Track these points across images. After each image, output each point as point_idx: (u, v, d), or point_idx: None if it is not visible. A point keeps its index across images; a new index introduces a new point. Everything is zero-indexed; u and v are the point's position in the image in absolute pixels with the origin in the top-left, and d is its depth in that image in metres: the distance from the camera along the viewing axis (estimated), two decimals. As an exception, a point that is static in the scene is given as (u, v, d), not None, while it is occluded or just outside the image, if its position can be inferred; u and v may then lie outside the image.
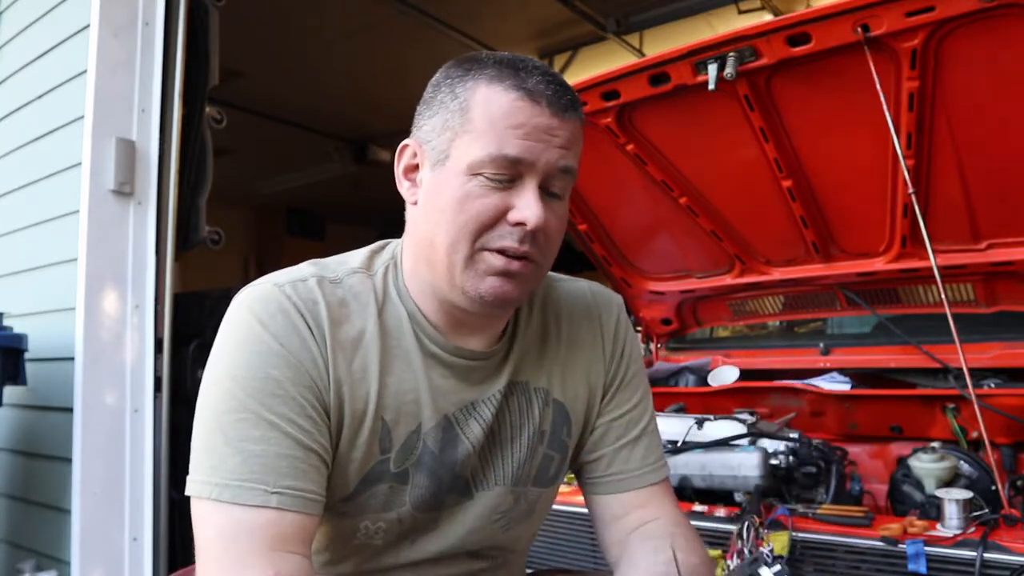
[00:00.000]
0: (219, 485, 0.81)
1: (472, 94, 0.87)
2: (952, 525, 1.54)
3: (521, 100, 0.85)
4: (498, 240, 0.86)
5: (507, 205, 0.85)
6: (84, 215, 2.42)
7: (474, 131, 0.85)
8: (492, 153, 0.84)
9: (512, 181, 0.86)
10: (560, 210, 0.90)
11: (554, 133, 0.86)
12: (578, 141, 0.90)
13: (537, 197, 0.85)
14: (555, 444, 1.03)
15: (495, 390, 0.98)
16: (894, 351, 2.27)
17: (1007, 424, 1.86)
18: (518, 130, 0.84)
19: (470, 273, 0.87)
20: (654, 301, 2.66)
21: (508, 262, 0.86)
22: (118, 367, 2.43)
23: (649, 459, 1.06)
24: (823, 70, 1.77)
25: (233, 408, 0.83)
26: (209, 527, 0.81)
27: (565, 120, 0.86)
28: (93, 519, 2.33)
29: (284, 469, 0.82)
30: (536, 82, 0.86)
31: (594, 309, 1.09)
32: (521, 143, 0.84)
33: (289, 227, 8.85)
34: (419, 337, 0.93)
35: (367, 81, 5.46)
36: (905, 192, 1.86)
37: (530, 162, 0.85)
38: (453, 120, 0.87)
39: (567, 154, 0.87)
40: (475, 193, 0.85)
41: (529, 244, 0.86)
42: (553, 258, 0.93)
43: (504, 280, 0.87)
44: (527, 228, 0.85)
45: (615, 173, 2.26)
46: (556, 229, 0.90)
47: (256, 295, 0.89)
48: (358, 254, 0.99)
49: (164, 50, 2.56)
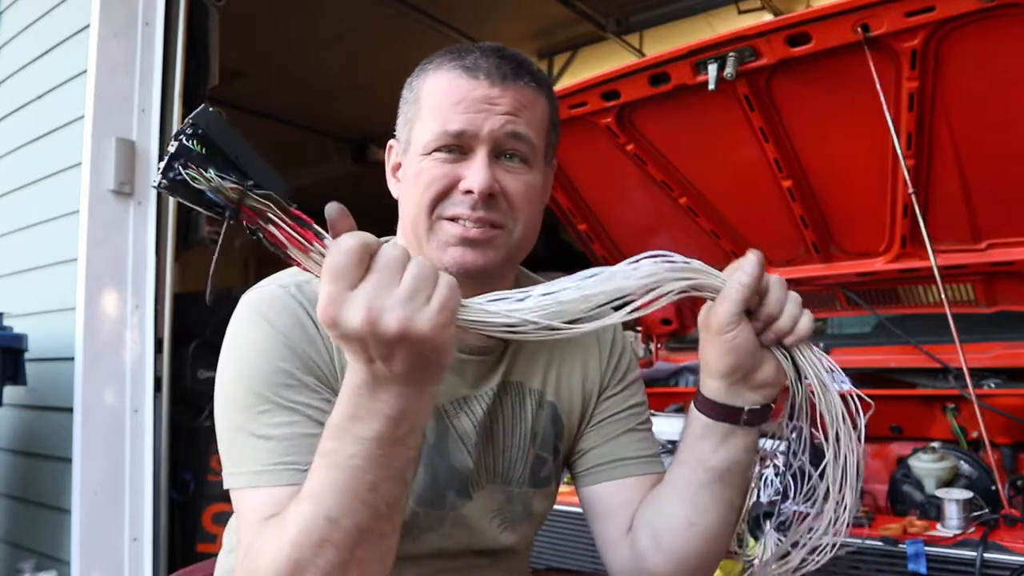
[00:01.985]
0: (255, 473, 0.84)
1: (423, 83, 0.93)
2: (952, 525, 1.53)
3: (460, 77, 0.90)
4: (451, 208, 0.90)
5: (457, 175, 0.89)
6: (84, 215, 2.42)
7: (423, 116, 0.91)
8: (437, 131, 0.89)
9: (464, 153, 0.90)
10: (524, 175, 0.92)
11: (495, 102, 0.89)
12: (530, 108, 0.92)
13: (484, 164, 0.89)
14: (547, 446, 1.04)
15: (488, 388, 0.99)
16: (894, 351, 2.27)
17: (1007, 424, 1.86)
18: (458, 105, 0.89)
19: (432, 245, 0.91)
20: (654, 301, 2.66)
21: (465, 230, 0.89)
22: (118, 367, 2.43)
23: (645, 451, 1.05)
24: (823, 70, 1.77)
25: (252, 403, 0.85)
26: (251, 511, 0.83)
27: (506, 87, 0.90)
28: (93, 519, 2.33)
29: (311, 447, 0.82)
30: (475, 58, 0.91)
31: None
32: (462, 116, 0.89)
33: (289, 227, 8.85)
34: None
35: (367, 81, 5.45)
36: (905, 192, 1.85)
37: (473, 133, 0.89)
38: (410, 111, 0.94)
39: (514, 119, 0.90)
40: (427, 167, 0.90)
41: (484, 209, 0.89)
42: (528, 225, 0.94)
43: (465, 248, 0.90)
44: (474, 194, 0.88)
45: (615, 173, 2.26)
46: (520, 193, 0.92)
47: (262, 296, 0.91)
48: None
49: (164, 50, 2.57)
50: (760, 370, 0.86)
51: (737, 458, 0.89)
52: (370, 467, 0.70)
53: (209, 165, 0.63)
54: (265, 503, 0.82)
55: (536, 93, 0.93)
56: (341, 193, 3.79)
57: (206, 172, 0.63)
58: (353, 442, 0.69)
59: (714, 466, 0.89)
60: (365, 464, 0.69)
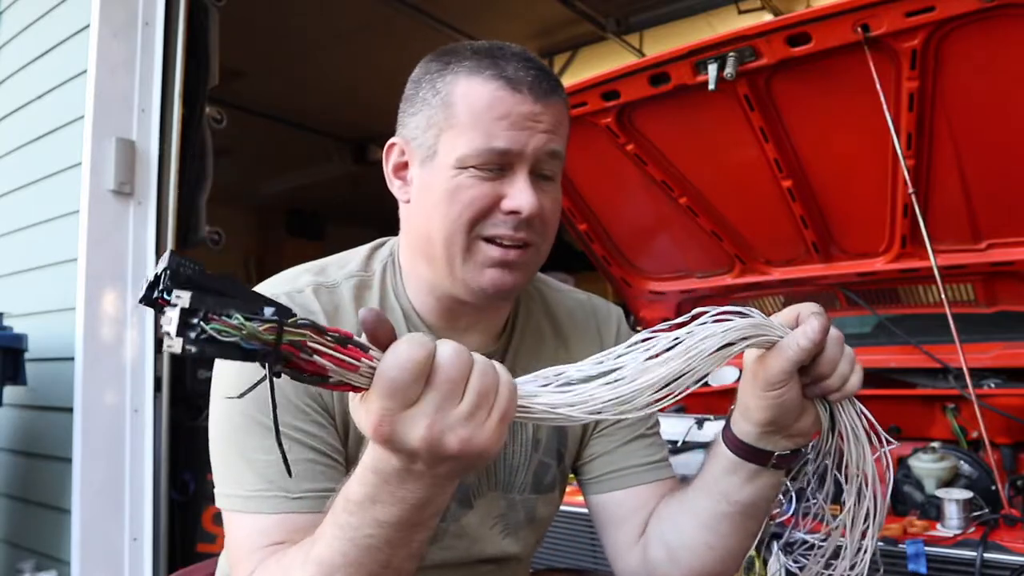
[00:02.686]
0: (243, 497, 0.84)
1: (453, 88, 0.87)
2: (952, 525, 1.53)
3: (502, 90, 0.85)
4: (492, 228, 0.86)
5: (499, 194, 0.86)
6: (84, 215, 2.42)
7: (459, 125, 0.86)
8: (479, 147, 0.85)
9: (502, 170, 0.86)
10: (553, 192, 0.91)
11: (538, 119, 0.86)
12: (563, 123, 0.90)
13: (529, 184, 0.86)
14: (550, 452, 1.02)
15: None
16: (894, 351, 2.27)
17: (1007, 424, 1.86)
18: (503, 121, 0.85)
19: (469, 266, 0.87)
20: (654, 301, 2.66)
21: (505, 252, 0.87)
22: (118, 367, 2.42)
23: (654, 456, 1.04)
24: (823, 70, 1.77)
25: (241, 423, 0.85)
26: (237, 532, 0.84)
27: (548, 104, 0.87)
28: (93, 519, 2.33)
29: (300, 474, 0.84)
30: (515, 69, 0.86)
31: (593, 319, 1.08)
32: (507, 134, 0.85)
33: (289, 227, 8.84)
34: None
35: (367, 81, 5.45)
36: (905, 192, 1.85)
37: (518, 151, 0.85)
38: (437, 116, 0.88)
39: (553, 138, 0.87)
40: (466, 184, 0.86)
41: (525, 231, 0.87)
42: (552, 240, 0.93)
43: (503, 271, 0.87)
44: (522, 216, 0.85)
45: (615, 173, 2.26)
46: (551, 212, 0.91)
47: None
48: (357, 254, 0.99)
49: (164, 50, 2.56)
50: (798, 422, 0.84)
51: (763, 494, 0.89)
52: (386, 547, 0.68)
53: (224, 309, 0.54)
54: (253, 529, 0.82)
55: (566, 108, 0.91)
56: (341, 193, 3.80)
57: (231, 318, 0.54)
58: (371, 524, 0.67)
59: (739, 500, 0.89)
60: (381, 544, 0.68)
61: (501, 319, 0.99)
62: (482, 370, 0.63)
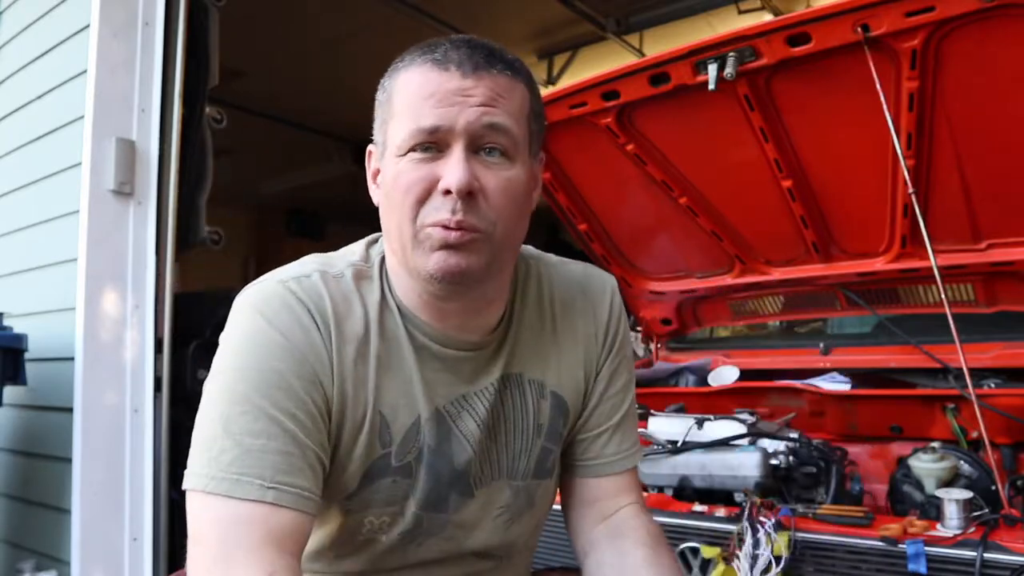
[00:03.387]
0: (215, 478, 0.80)
1: (395, 82, 0.89)
2: (952, 525, 1.53)
3: (431, 71, 0.85)
4: (433, 214, 0.85)
5: (436, 175, 0.85)
6: (84, 215, 2.42)
7: (396, 114, 0.87)
8: (411, 129, 0.85)
9: (440, 151, 0.85)
10: (505, 171, 0.87)
11: (468, 93, 0.84)
12: (507, 96, 0.87)
13: (461, 160, 0.84)
14: (553, 436, 1.03)
15: (488, 383, 0.97)
16: (894, 351, 2.26)
17: (1007, 424, 1.86)
18: (430, 99, 0.84)
19: (418, 252, 0.86)
20: (654, 301, 2.66)
21: (447, 233, 0.84)
22: (118, 367, 2.43)
23: (625, 445, 1.07)
24: (823, 70, 1.77)
25: (235, 401, 0.83)
26: (203, 519, 0.80)
27: (480, 77, 0.85)
28: (93, 519, 2.33)
29: (281, 465, 0.81)
30: (445, 50, 0.86)
31: (588, 293, 1.07)
32: (434, 111, 0.84)
33: (289, 227, 8.85)
34: (409, 330, 0.93)
35: (367, 81, 5.41)
36: (905, 192, 1.85)
37: (448, 127, 0.84)
38: (383, 111, 0.90)
39: (491, 111, 0.85)
40: (405, 169, 0.86)
41: (463, 212, 0.84)
42: (509, 225, 0.88)
43: (447, 253, 0.85)
44: (453, 193, 0.83)
45: (615, 173, 2.26)
46: (500, 192, 0.86)
47: (261, 292, 0.89)
48: (357, 248, 1.00)
49: (164, 50, 2.56)
50: None
51: None
52: None
53: None
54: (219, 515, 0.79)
55: (512, 80, 0.88)
56: (341, 193, 3.80)
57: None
58: None
59: None
60: None
61: (494, 314, 0.98)
62: None
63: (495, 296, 0.97)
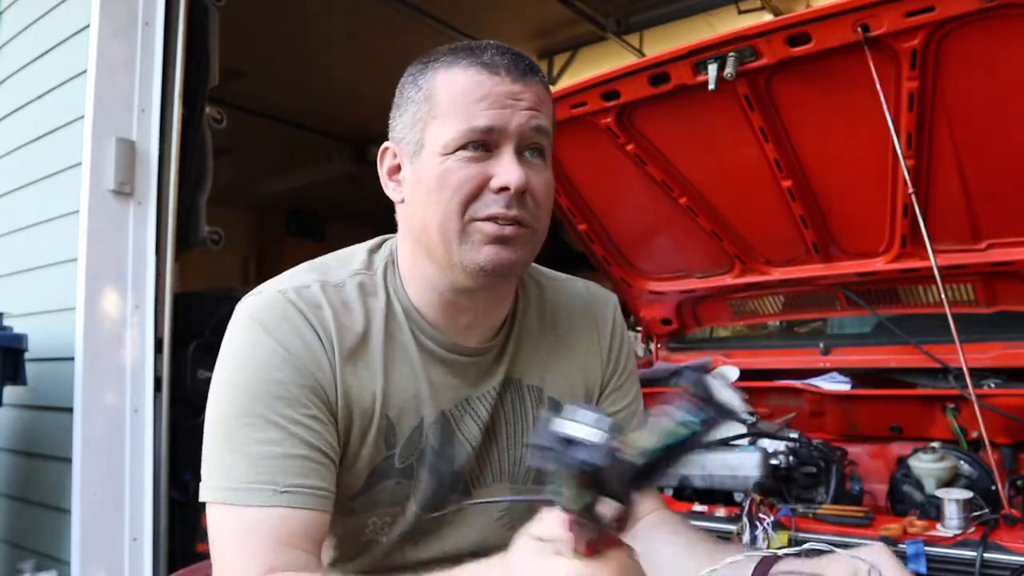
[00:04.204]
0: (230, 490, 0.83)
1: (433, 81, 0.89)
2: (952, 525, 1.54)
3: (480, 74, 0.87)
4: (485, 208, 0.87)
5: (487, 174, 0.87)
6: (84, 215, 2.42)
7: (441, 114, 0.88)
8: (462, 129, 0.86)
9: (488, 151, 0.87)
10: (543, 172, 0.91)
11: (519, 97, 0.88)
12: (545, 103, 0.91)
13: (515, 160, 0.87)
14: None
15: (491, 386, 0.99)
16: (894, 351, 2.26)
17: (1007, 424, 1.86)
18: (483, 101, 0.86)
19: (466, 246, 0.88)
20: (654, 301, 2.66)
21: (501, 228, 0.87)
22: (118, 367, 2.42)
23: None
24: (823, 70, 1.77)
25: (238, 414, 0.84)
26: (222, 529, 0.83)
27: (527, 83, 0.89)
28: (93, 519, 2.33)
29: (292, 468, 0.83)
30: (491, 54, 0.89)
31: (591, 309, 1.09)
32: (488, 112, 0.86)
33: (289, 227, 8.84)
34: (415, 334, 0.94)
35: (367, 81, 5.43)
36: (905, 192, 1.85)
37: (501, 128, 0.87)
38: (421, 111, 0.90)
39: (537, 114, 0.89)
40: (454, 168, 0.87)
41: (517, 208, 0.87)
42: (547, 224, 0.93)
43: (500, 247, 0.87)
44: (511, 191, 0.86)
45: (615, 173, 2.26)
46: (543, 192, 0.91)
47: (260, 303, 0.90)
48: (358, 253, 1.00)
49: (164, 50, 2.56)
50: None
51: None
52: None
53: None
54: (236, 525, 0.82)
55: (547, 90, 0.93)
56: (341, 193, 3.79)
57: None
58: None
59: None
60: None
61: (501, 316, 1.00)
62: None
63: (508, 293, 1.00)
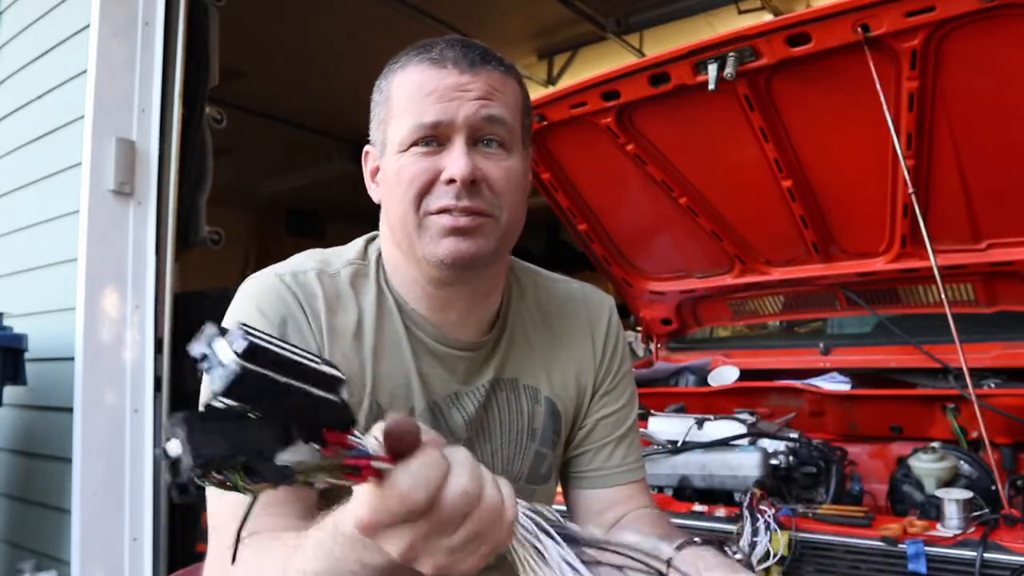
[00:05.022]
0: None
1: (391, 83, 0.92)
2: (952, 525, 1.53)
3: (428, 70, 0.89)
4: (436, 201, 0.88)
5: (438, 167, 0.88)
6: (84, 215, 2.42)
7: (396, 113, 0.90)
8: (412, 125, 0.88)
9: (441, 145, 0.89)
10: (504, 161, 0.91)
11: (466, 88, 0.88)
12: (502, 91, 0.91)
13: (463, 151, 0.88)
14: (546, 442, 1.04)
15: (480, 383, 0.99)
16: (894, 351, 2.27)
17: (1007, 424, 1.86)
18: (430, 96, 0.88)
19: (425, 240, 0.89)
20: (654, 301, 2.66)
21: (455, 219, 0.88)
22: (118, 367, 2.42)
23: (629, 458, 1.08)
24: (823, 70, 1.77)
25: None
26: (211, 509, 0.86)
27: (476, 73, 0.89)
28: (93, 519, 2.33)
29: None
30: (441, 49, 0.90)
31: (585, 310, 1.10)
32: (435, 107, 0.88)
33: (289, 227, 8.85)
34: (407, 326, 0.96)
35: (367, 81, 5.40)
36: (905, 192, 1.85)
37: (448, 121, 0.88)
38: (382, 112, 0.93)
39: (488, 104, 0.89)
40: (408, 163, 0.89)
41: (468, 198, 0.88)
42: (515, 212, 0.93)
43: (457, 238, 0.88)
44: (457, 183, 0.87)
45: (615, 173, 2.26)
46: (501, 180, 0.90)
47: (258, 284, 0.93)
48: (354, 246, 1.02)
49: (164, 50, 2.56)
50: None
51: None
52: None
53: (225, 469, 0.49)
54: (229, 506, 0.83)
55: (505, 76, 0.92)
56: (341, 193, 3.79)
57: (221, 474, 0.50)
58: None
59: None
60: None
61: (490, 310, 1.00)
62: (489, 506, 0.58)
63: (493, 287, 1.00)
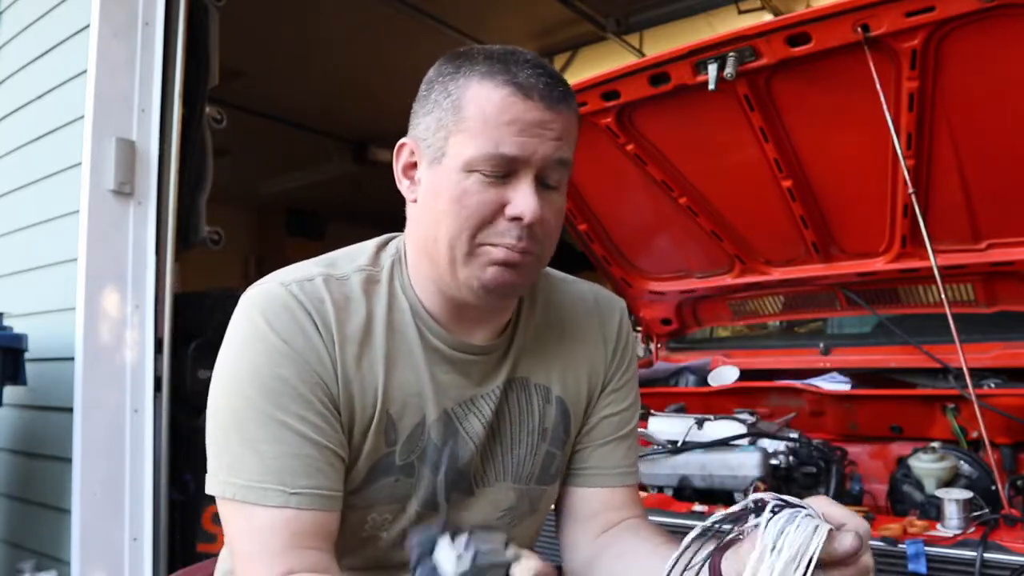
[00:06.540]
0: (241, 487, 0.84)
1: (464, 91, 0.87)
2: (952, 525, 1.53)
3: (513, 95, 0.85)
4: (496, 236, 0.87)
5: (503, 200, 0.86)
6: (84, 215, 2.42)
7: (468, 129, 0.86)
8: (488, 151, 0.85)
9: (508, 176, 0.86)
10: (557, 202, 0.91)
11: (547, 127, 0.86)
12: (572, 132, 0.90)
13: (533, 191, 0.86)
14: (556, 441, 1.04)
15: (495, 385, 0.99)
16: (894, 351, 2.26)
17: (1007, 424, 1.86)
18: (512, 127, 0.85)
19: (472, 267, 0.88)
20: (654, 301, 2.66)
21: (509, 253, 0.87)
22: (118, 367, 2.42)
23: (627, 461, 1.08)
24: (823, 70, 1.77)
25: (244, 407, 0.85)
26: (233, 527, 0.86)
27: (558, 113, 0.87)
28: (93, 519, 2.33)
29: (300, 469, 0.84)
30: (527, 76, 0.86)
31: (596, 310, 1.10)
32: (515, 140, 0.85)
33: (289, 227, 8.86)
34: (421, 331, 0.95)
35: (367, 81, 5.45)
36: (905, 192, 1.85)
37: (525, 158, 0.85)
38: (447, 118, 0.88)
39: (561, 145, 0.88)
40: (472, 190, 0.86)
41: (527, 239, 0.87)
42: (552, 250, 0.94)
43: (505, 269, 0.88)
44: (524, 222, 0.86)
45: (615, 173, 2.26)
46: (553, 222, 0.91)
47: (263, 295, 0.90)
48: (365, 249, 1.00)
49: (164, 50, 2.56)
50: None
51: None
52: None
53: None
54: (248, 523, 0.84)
55: (577, 117, 0.92)
56: (341, 193, 3.79)
57: None
58: None
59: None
60: None
61: (506, 315, 1.00)
62: None
63: (510, 302, 1.00)
